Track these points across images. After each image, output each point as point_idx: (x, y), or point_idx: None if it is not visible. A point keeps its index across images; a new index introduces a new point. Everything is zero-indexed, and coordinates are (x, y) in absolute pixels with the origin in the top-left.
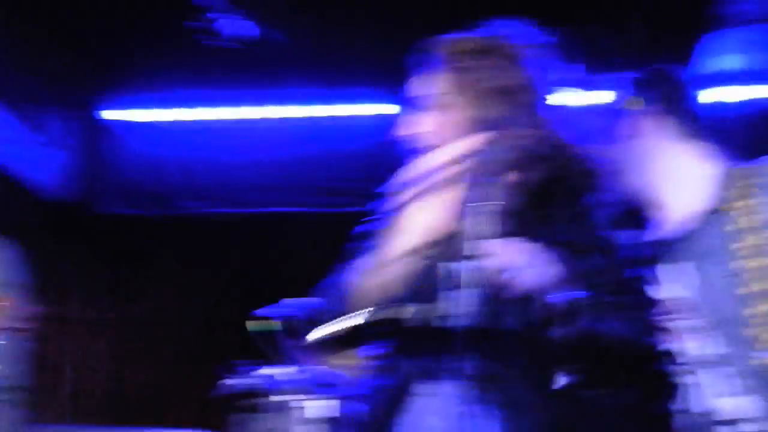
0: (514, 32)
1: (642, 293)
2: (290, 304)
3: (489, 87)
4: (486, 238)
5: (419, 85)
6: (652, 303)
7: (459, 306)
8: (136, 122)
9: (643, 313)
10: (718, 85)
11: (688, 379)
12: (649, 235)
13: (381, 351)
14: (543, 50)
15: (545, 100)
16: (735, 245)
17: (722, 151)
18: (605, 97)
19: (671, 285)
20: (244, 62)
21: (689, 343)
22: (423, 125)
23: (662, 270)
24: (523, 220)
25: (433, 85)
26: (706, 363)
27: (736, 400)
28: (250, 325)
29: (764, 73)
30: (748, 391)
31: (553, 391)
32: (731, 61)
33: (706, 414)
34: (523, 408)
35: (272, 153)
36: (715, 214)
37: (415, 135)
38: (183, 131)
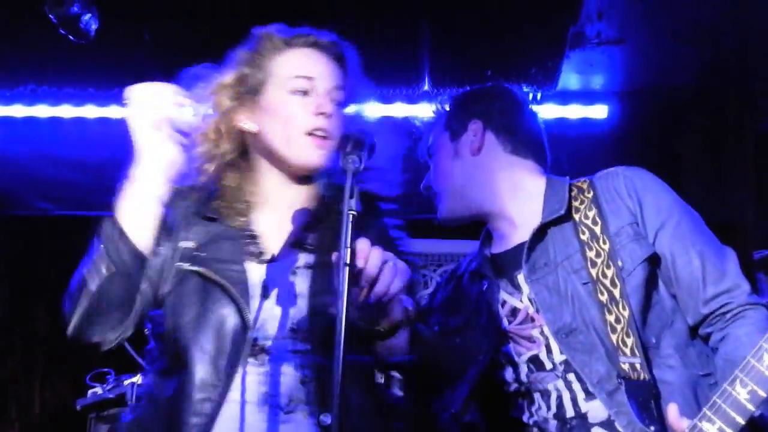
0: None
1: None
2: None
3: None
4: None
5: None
6: (497, 314)
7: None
8: None
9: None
10: (561, 103)
11: (555, 385)
12: (497, 247)
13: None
14: (357, 60)
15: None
16: (591, 253)
17: (563, 166)
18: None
19: (522, 295)
20: (102, 58)
21: (552, 349)
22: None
23: (513, 280)
24: (379, 229)
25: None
26: (569, 368)
27: (600, 402)
28: None
29: (603, 94)
30: (611, 393)
31: (383, 397)
32: (572, 81)
33: (578, 417)
34: (348, 412)
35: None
36: (566, 223)
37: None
38: (30, 128)
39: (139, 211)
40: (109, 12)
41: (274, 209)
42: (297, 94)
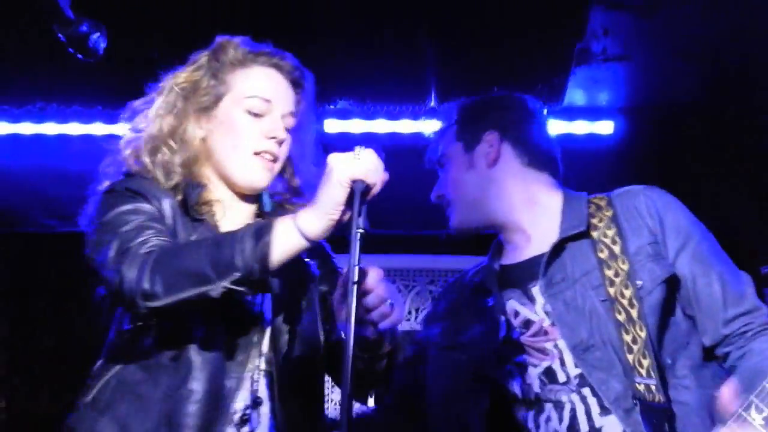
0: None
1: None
2: None
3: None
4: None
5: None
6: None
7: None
8: None
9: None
10: (567, 119)
11: (569, 398)
12: (509, 258)
13: None
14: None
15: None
16: (609, 271)
17: (570, 181)
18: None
19: (536, 307)
20: (110, 77)
21: (566, 362)
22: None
23: (527, 292)
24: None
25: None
26: (584, 382)
27: (615, 418)
28: None
29: (608, 110)
30: (628, 411)
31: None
32: (578, 97)
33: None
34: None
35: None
36: (585, 240)
37: None
38: (38, 145)
39: (288, 253)
40: (117, 31)
41: (231, 222)
42: (252, 114)
